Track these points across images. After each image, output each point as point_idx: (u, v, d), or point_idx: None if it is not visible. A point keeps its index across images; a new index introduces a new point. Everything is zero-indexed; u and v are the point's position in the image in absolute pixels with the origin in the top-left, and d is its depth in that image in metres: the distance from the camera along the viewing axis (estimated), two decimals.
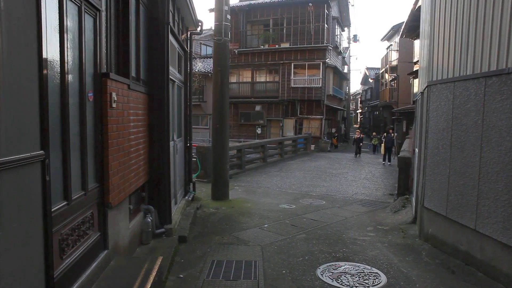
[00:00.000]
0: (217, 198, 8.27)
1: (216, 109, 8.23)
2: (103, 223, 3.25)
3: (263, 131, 24.48)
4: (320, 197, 9.01)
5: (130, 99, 4.02)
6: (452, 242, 4.64)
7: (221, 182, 8.28)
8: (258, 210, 7.38)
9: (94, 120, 3.13)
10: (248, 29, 25.61)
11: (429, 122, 5.20)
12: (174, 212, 5.95)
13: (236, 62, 24.86)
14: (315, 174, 12.50)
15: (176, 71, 6.39)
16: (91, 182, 3.04)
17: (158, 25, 4.89)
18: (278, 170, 13.48)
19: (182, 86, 7.18)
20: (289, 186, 10.46)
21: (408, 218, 6.63)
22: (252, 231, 5.98)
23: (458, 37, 4.51)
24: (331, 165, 15.12)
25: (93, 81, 3.11)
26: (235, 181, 10.88)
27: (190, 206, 6.92)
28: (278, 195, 9.08)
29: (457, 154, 4.51)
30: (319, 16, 23.24)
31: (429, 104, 5.21)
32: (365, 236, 5.81)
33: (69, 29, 2.60)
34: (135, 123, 4.24)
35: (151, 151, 5.01)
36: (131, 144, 4.05)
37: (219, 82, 8.16)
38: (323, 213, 7.36)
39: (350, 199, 8.92)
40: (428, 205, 5.19)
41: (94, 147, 3.15)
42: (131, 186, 4.07)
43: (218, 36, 8.05)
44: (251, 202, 8.19)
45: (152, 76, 4.93)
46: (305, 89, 23.34)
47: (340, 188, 10.19)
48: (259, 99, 24.47)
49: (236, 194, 9.02)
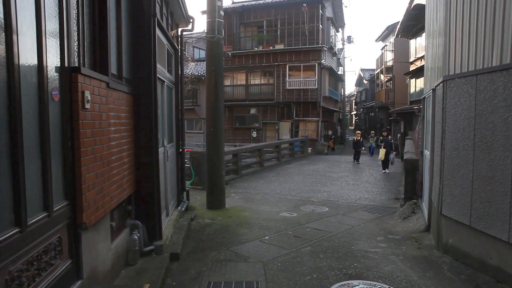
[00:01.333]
0: (213, 207, 7.71)
1: (210, 111, 7.68)
2: (75, 249, 2.69)
3: (259, 135, 23.97)
4: (322, 203, 8.48)
5: (110, 100, 3.47)
6: (478, 255, 4.12)
7: (217, 189, 7.73)
8: (258, 220, 6.84)
9: (61, 124, 2.57)
10: (241, 31, 25.14)
11: (446, 121, 4.70)
12: (165, 226, 5.38)
13: (230, 65, 24.37)
14: (315, 178, 11.98)
15: (166, 70, 5.85)
16: (57, 200, 2.49)
17: (143, 17, 4.35)
18: (276, 174, 12.94)
19: (172, 87, 6.64)
20: (288, 191, 9.92)
21: (420, 226, 6.12)
22: (252, 244, 5.43)
23: (481, 27, 4.01)
24: (330, 168, 14.61)
25: (59, 76, 2.56)
26: (231, 188, 10.33)
27: (183, 218, 6.35)
28: (278, 202, 8.54)
29: (482, 156, 4.01)
30: (314, 16, 22.86)
31: (445, 101, 4.71)
32: (376, 248, 5.29)
33: (21, 7, 2.05)
34: (117, 127, 3.69)
35: (137, 159, 4.46)
36: (112, 151, 3.49)
37: (213, 83, 7.62)
38: (327, 221, 6.83)
39: (354, 204, 8.40)
40: (447, 213, 4.68)
41: (62, 156, 2.58)
42: (112, 201, 3.51)
43: (211, 34, 7.52)
44: (249, 210, 7.64)
45: (137, 75, 4.38)
46: (301, 91, 22.89)
47: (342, 193, 9.67)
48: (254, 102, 23.97)
49: (233, 202, 8.46)
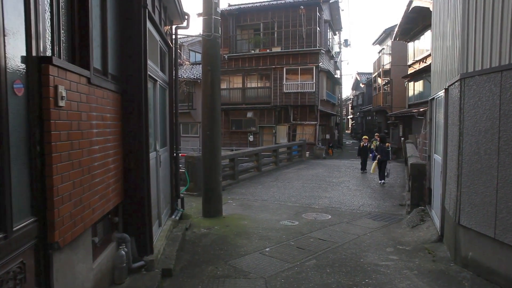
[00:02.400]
0: (209, 215, 7.26)
1: (206, 113, 7.25)
2: (44, 274, 2.24)
3: (255, 139, 23.54)
4: (324, 210, 8.06)
5: (92, 98, 3.04)
6: (506, 272, 3.71)
7: (213, 196, 7.28)
8: (257, 229, 6.40)
9: (26, 124, 2.14)
10: (238, 33, 24.77)
11: (464, 122, 4.31)
12: (157, 237, 4.93)
13: (226, 68, 23.96)
14: (315, 184, 11.56)
15: (158, 69, 5.42)
16: (20, 216, 2.04)
17: (132, 7, 3.93)
18: (274, 179, 12.51)
19: (166, 87, 6.21)
20: (288, 198, 9.49)
21: (431, 235, 5.71)
22: (252, 257, 4.99)
23: (507, 17, 3.63)
24: (329, 173, 14.20)
25: (26, 67, 2.12)
26: (228, 194, 9.88)
27: (177, 227, 5.90)
28: (278, 209, 8.10)
29: (509, 161, 3.61)
30: (311, 19, 22.56)
31: (463, 101, 4.32)
32: (387, 261, 4.87)
33: None
34: (101, 129, 3.25)
35: (126, 165, 4.01)
36: (94, 157, 3.05)
37: (209, 83, 7.19)
38: (332, 230, 6.40)
39: (358, 212, 7.99)
40: (466, 223, 4.27)
41: (27, 164, 2.15)
42: (95, 213, 3.07)
43: (207, 32, 7.11)
44: (247, 218, 7.20)
45: (126, 72, 3.95)
46: (298, 94, 22.52)
47: (345, 199, 9.25)
48: (251, 106, 23.56)
49: (231, 209, 8.02)
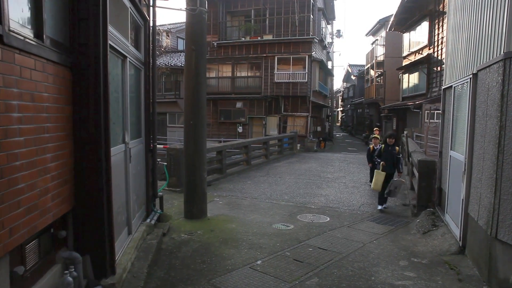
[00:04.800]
0: (192, 216, 6.35)
1: (190, 100, 6.29)
2: None
3: (245, 130, 22.62)
4: (322, 210, 7.23)
5: (10, 67, 2.09)
6: None
7: (197, 195, 6.36)
8: (246, 234, 5.53)
9: None
10: (228, 20, 23.66)
11: (508, 113, 3.47)
12: (124, 250, 4.01)
13: (216, 56, 22.92)
14: (308, 179, 10.72)
15: (129, 43, 4.44)
16: None
17: None
18: (265, 174, 11.64)
19: (141, 68, 5.24)
20: (280, 195, 8.64)
21: (450, 246, 4.92)
22: (241, 273, 4.12)
23: None
24: (323, 167, 13.39)
25: None
26: (214, 190, 8.98)
27: (152, 233, 4.98)
28: (269, 209, 7.24)
29: None
30: (304, 6, 21.57)
31: (507, 87, 3.48)
32: (403, 279, 4.05)
33: None
34: (30, 114, 2.30)
35: (77, 161, 3.07)
36: (14, 153, 2.11)
37: (193, 66, 6.23)
38: (332, 236, 5.57)
39: (358, 212, 7.18)
40: (507, 239, 3.47)
41: None
42: (17, 233, 2.14)
43: (192, 5, 6.12)
44: (236, 221, 6.32)
45: (77, 39, 2.99)
46: (290, 84, 21.62)
47: (342, 198, 8.44)
48: (240, 96, 22.58)
49: (217, 209, 7.13)
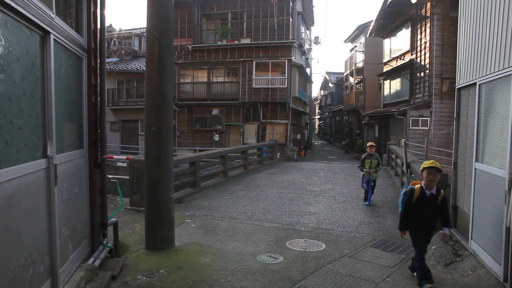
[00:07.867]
0: (155, 247, 5.03)
1: (152, 100, 5.00)
2: None
3: (221, 138, 21.37)
4: (314, 234, 6.05)
5: None
6: None
7: (162, 221, 5.04)
8: (224, 273, 4.27)
9: None
10: (203, 22, 22.45)
11: None
12: None
13: (190, 60, 21.68)
14: (294, 193, 9.55)
15: (53, 13, 3.12)
16: None
17: None
18: (244, 187, 10.39)
19: (83, 56, 3.93)
20: (263, 213, 7.40)
21: (487, 284, 3.83)
22: None
23: None
24: (307, 178, 12.26)
25: None
26: (186, 208, 7.66)
27: (95, 280, 3.63)
28: (252, 234, 5.99)
29: None
30: (283, 9, 20.71)
31: None
32: None
33: None
34: None
35: None
36: None
37: (155, 58, 4.95)
38: (334, 273, 4.39)
39: (357, 236, 6.05)
40: None
41: None
42: None
43: None
44: (210, 252, 5.03)
45: None
46: (269, 90, 20.59)
47: (335, 216, 7.29)
48: (217, 102, 21.36)
49: (188, 235, 5.82)
